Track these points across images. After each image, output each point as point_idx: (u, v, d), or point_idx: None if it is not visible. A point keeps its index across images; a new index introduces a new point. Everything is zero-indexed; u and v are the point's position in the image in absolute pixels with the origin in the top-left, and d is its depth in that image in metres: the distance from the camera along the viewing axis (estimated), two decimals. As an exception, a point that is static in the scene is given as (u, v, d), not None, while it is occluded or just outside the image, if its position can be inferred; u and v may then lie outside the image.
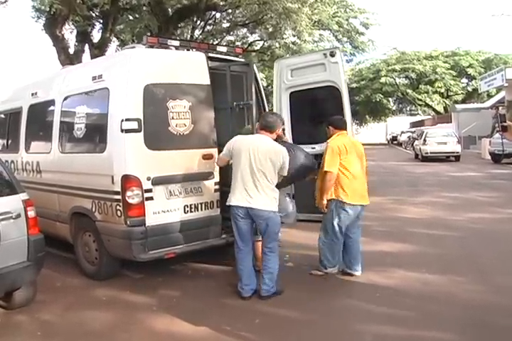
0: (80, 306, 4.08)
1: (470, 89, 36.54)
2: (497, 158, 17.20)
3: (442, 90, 36.37)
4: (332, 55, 5.01)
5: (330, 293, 4.24)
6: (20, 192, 3.85)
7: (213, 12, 17.02)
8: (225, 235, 4.76)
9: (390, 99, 43.46)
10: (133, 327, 3.65)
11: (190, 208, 4.61)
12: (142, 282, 4.69)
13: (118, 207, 4.28)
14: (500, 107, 21.13)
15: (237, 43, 19.16)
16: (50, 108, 5.36)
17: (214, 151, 4.68)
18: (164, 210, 4.43)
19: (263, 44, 20.79)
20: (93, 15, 14.87)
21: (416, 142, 22.83)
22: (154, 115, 4.37)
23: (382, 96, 38.25)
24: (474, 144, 24.60)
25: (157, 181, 4.35)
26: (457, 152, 19.38)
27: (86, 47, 14.45)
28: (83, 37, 14.27)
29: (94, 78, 4.69)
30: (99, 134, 4.61)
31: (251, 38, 20.64)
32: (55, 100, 5.28)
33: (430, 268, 4.82)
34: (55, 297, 4.30)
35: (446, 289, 4.24)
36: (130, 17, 17.08)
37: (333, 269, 4.64)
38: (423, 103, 41.22)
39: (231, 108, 5.13)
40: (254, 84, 5.09)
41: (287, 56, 14.79)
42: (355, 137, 5.99)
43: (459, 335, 3.33)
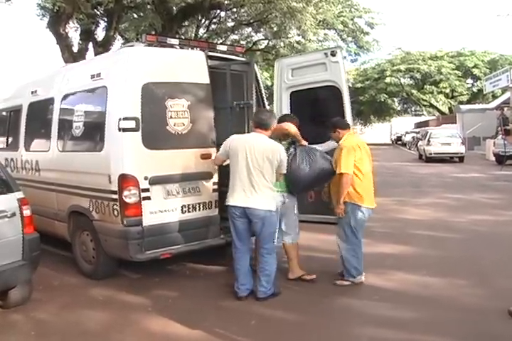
0: (76, 305, 4.06)
1: (475, 89, 36.37)
2: (501, 160, 17.07)
3: (447, 91, 36.25)
4: (333, 55, 4.94)
5: (328, 295, 4.18)
6: (15, 190, 3.82)
7: (218, 11, 17.04)
8: (224, 235, 4.71)
9: (395, 100, 43.35)
10: (128, 328, 3.62)
11: (187, 208, 4.57)
12: (140, 282, 4.66)
13: (115, 207, 4.25)
14: (505, 108, 20.97)
15: (241, 42, 19.15)
16: (50, 106, 5.33)
17: (213, 151, 4.63)
18: (161, 210, 4.39)
19: (268, 43, 20.80)
20: (97, 13, 14.93)
21: (420, 142, 22.75)
22: (152, 114, 4.33)
23: (386, 96, 38.19)
24: (478, 145, 24.43)
25: (154, 181, 4.31)
26: (461, 153, 19.27)
27: (90, 45, 14.51)
28: (87, 35, 14.32)
29: (92, 76, 4.66)
30: (97, 133, 4.58)
31: (255, 37, 20.70)
32: (55, 98, 5.26)
33: (431, 270, 4.76)
34: (52, 296, 4.28)
35: (446, 292, 4.18)
36: (134, 15, 17.12)
37: (360, 277, 4.41)
38: (428, 103, 41.11)
39: (231, 107, 5.08)
40: (254, 83, 5.05)
41: (292, 55, 14.71)
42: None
43: (460, 340, 3.27)
